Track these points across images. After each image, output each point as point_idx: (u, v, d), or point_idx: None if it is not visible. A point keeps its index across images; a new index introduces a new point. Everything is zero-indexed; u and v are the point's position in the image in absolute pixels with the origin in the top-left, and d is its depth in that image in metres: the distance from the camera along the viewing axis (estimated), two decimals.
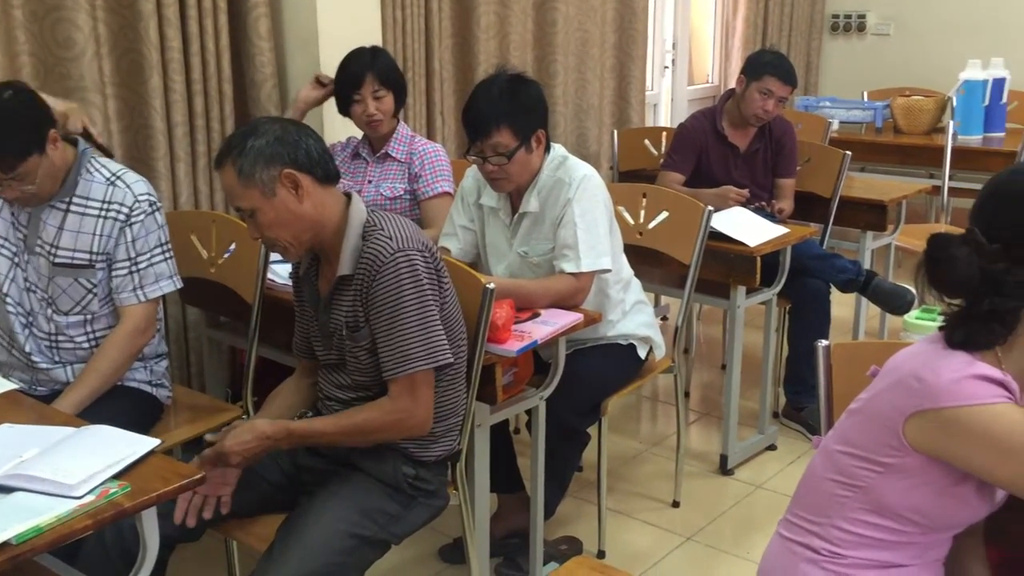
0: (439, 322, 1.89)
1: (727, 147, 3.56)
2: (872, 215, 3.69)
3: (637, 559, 2.71)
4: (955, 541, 1.51)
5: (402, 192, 2.90)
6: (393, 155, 2.91)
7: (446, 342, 1.90)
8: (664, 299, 4.39)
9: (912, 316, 1.89)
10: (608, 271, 2.50)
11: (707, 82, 5.73)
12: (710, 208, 2.83)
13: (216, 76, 2.99)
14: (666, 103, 5.37)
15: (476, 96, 2.44)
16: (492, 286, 2.08)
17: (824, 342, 1.73)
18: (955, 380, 1.30)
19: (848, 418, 1.45)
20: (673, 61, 5.34)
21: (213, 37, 2.95)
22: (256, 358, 2.48)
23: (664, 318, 4.42)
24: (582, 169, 2.49)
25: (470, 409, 2.09)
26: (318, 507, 1.86)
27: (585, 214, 2.44)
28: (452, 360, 1.92)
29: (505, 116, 2.36)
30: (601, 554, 2.72)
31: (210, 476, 1.80)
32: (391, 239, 1.86)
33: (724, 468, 3.18)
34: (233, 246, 2.51)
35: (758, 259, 2.97)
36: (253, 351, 2.45)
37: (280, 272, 2.52)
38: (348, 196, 1.93)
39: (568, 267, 2.43)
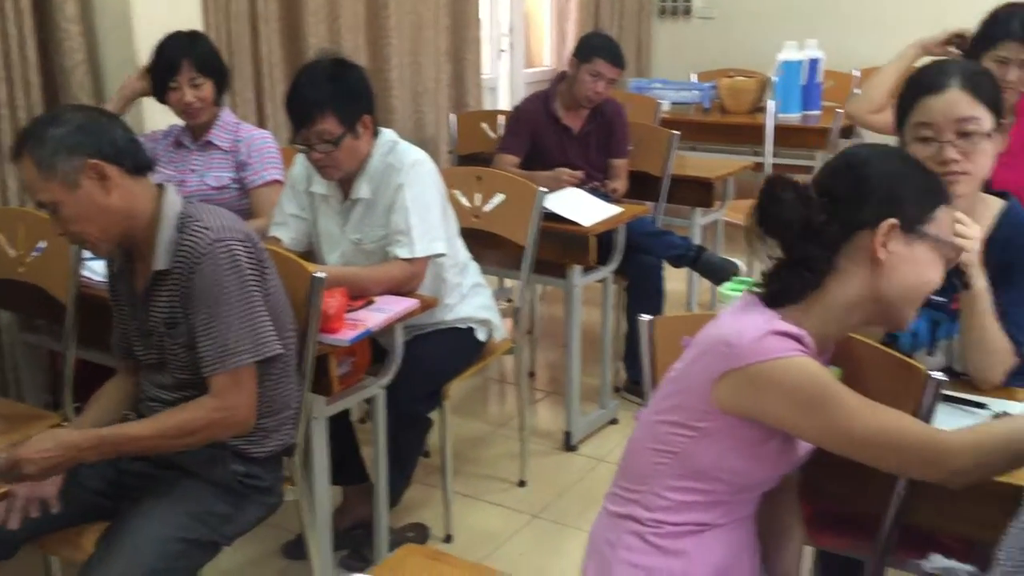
0: (264, 312, 1.83)
1: (561, 129, 3.61)
2: (700, 192, 3.83)
3: (485, 540, 2.73)
4: (773, 499, 1.59)
5: (228, 181, 2.79)
6: (217, 143, 2.80)
7: (273, 333, 1.84)
8: (508, 281, 4.42)
9: (726, 287, 1.97)
10: (443, 255, 2.49)
11: (544, 65, 5.79)
12: (543, 189, 2.86)
13: (20, 63, 2.79)
14: (505, 86, 5.41)
15: (298, 82, 2.38)
16: (321, 275, 2.03)
17: (646, 317, 1.77)
18: (756, 338, 1.36)
19: (663, 388, 1.50)
20: (511, 44, 5.37)
21: (15, 20, 2.76)
22: (78, 361, 2.34)
23: (509, 300, 4.46)
24: (413, 154, 2.47)
25: (304, 402, 2.04)
26: (142, 512, 1.78)
27: (417, 199, 2.42)
28: (281, 351, 1.87)
29: (329, 102, 2.31)
30: (448, 538, 2.73)
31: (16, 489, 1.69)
32: (208, 229, 1.79)
33: (568, 444, 3.24)
34: (43, 244, 2.36)
35: (592, 238, 3.04)
36: (70, 354, 2.32)
37: (97, 269, 2.39)
38: (161, 187, 1.85)
39: (402, 252, 2.40)
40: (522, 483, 3.02)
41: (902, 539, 1.64)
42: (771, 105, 4.52)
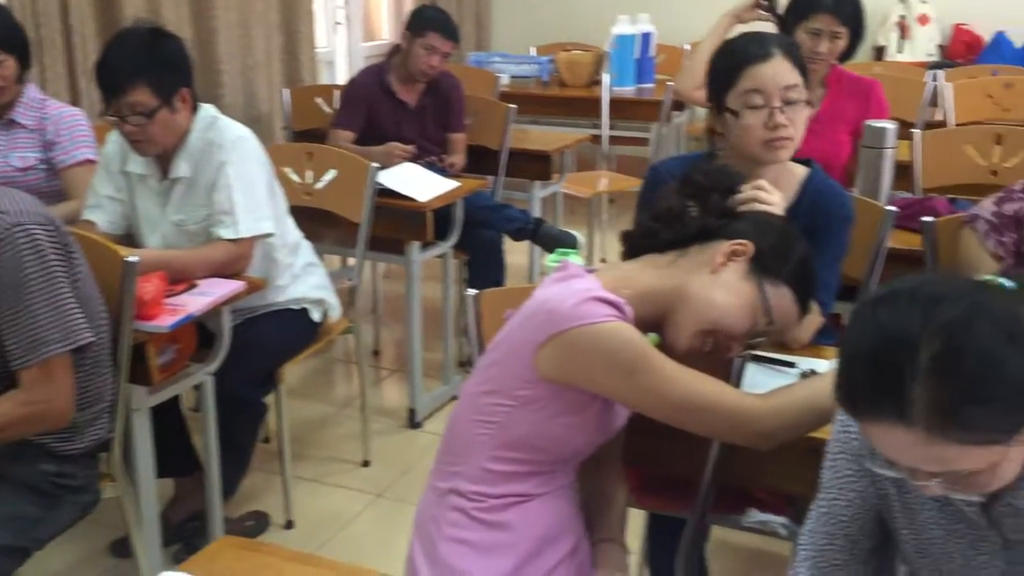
0: (72, 299, 1.72)
1: (396, 103, 3.56)
2: (538, 165, 3.86)
3: (327, 524, 2.69)
4: (596, 466, 1.62)
5: (35, 162, 2.61)
6: (20, 122, 2.61)
7: (84, 320, 1.74)
8: (351, 260, 4.34)
9: (551, 258, 1.99)
10: (271, 235, 2.41)
11: (383, 39, 5.70)
12: (375, 165, 2.81)
13: None
14: (343, 60, 5.28)
15: (109, 50, 2.24)
16: (133, 259, 1.93)
17: (472, 291, 1.77)
18: (576, 304, 1.38)
19: (485, 358, 1.50)
20: (347, 17, 5.24)
21: None
22: None
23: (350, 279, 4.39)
24: (235, 130, 2.37)
25: (122, 393, 1.94)
26: None
27: (241, 177, 2.33)
28: (92, 339, 1.76)
29: (143, 72, 2.19)
30: (289, 524, 2.67)
31: None
32: (5, 213, 1.66)
33: (413, 421, 3.23)
34: None
35: (429, 214, 3.01)
36: None
37: None
38: None
39: (226, 233, 2.31)
40: (366, 463, 2.98)
41: (721, 497, 1.70)
42: (606, 78, 4.60)
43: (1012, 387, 0.97)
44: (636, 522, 2.01)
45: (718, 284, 1.44)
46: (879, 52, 5.23)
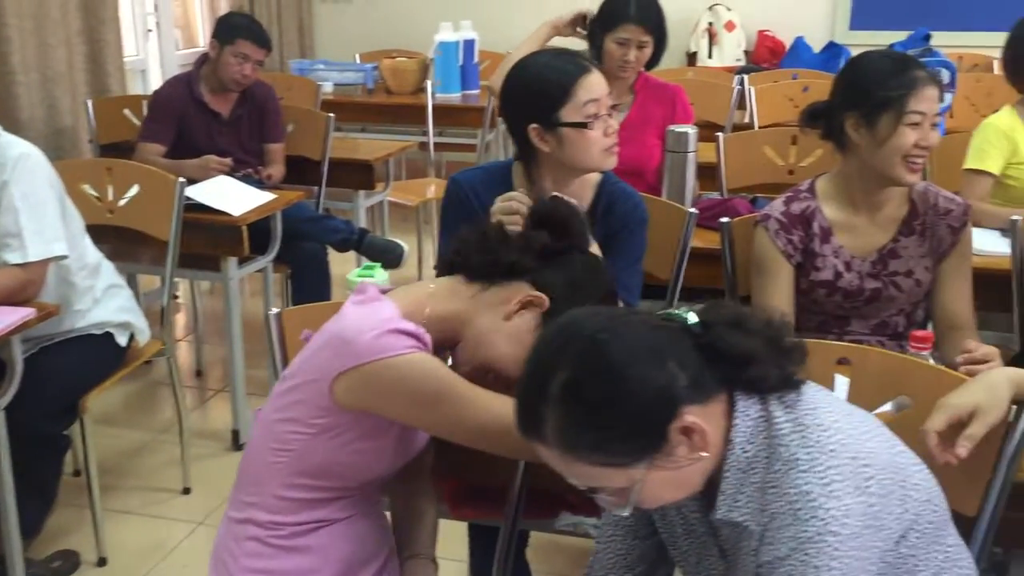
0: None
1: (209, 114, 3.43)
2: (362, 175, 3.82)
3: (144, 557, 2.56)
4: (405, 484, 1.60)
5: None
6: None
7: None
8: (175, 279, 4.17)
9: (354, 274, 1.95)
10: (65, 257, 2.28)
11: (201, 46, 5.49)
12: (182, 180, 2.70)
13: None
14: (156, 70, 5.06)
15: None
16: None
17: (274, 310, 1.72)
18: (376, 336, 1.35)
19: (282, 384, 1.46)
20: (157, 24, 5.03)
21: None
22: None
23: (175, 297, 4.21)
24: (18, 147, 2.22)
25: None
26: None
27: (27, 197, 2.19)
28: None
29: None
30: (102, 561, 2.53)
31: None
32: None
33: (237, 443, 3.12)
34: None
35: (244, 228, 2.92)
36: None
37: None
38: None
39: (13, 258, 2.17)
40: (186, 490, 2.86)
41: (535, 502, 1.72)
42: (429, 85, 4.60)
43: (630, 417, 1.06)
44: (462, 532, 2.02)
45: (505, 331, 1.42)
46: (691, 58, 5.45)
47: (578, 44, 2.90)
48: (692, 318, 1.13)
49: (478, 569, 1.98)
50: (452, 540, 1.98)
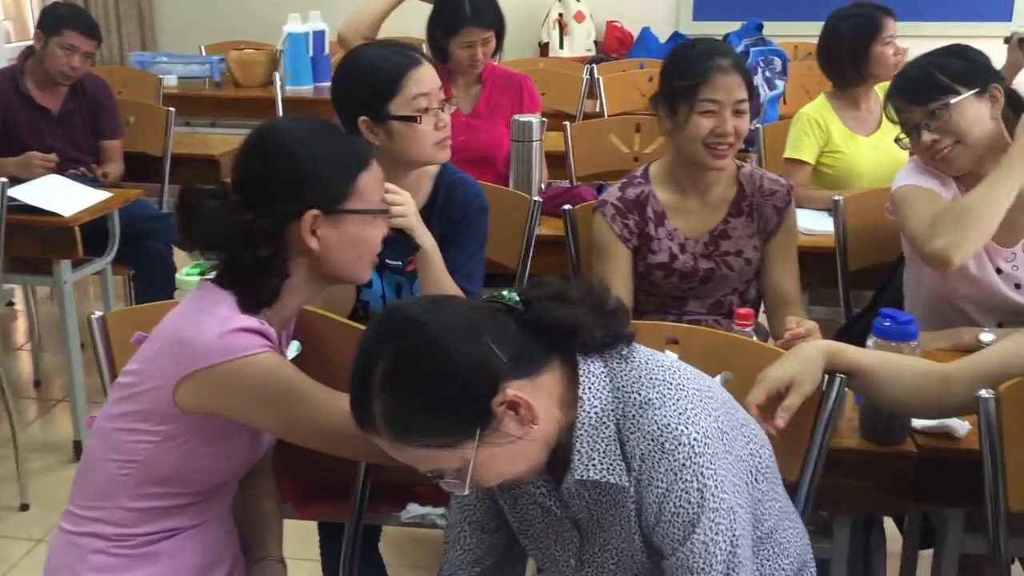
0: None
1: (36, 110, 3.25)
2: (209, 170, 3.69)
3: None
4: (248, 488, 1.56)
5: None
6: None
7: None
8: (6, 284, 3.94)
9: (183, 273, 1.89)
10: None
11: (31, 39, 5.20)
12: (3, 180, 2.55)
13: None
14: None
15: None
16: None
17: (98, 313, 1.64)
18: (218, 336, 1.30)
19: (118, 392, 1.39)
20: None
21: None
22: None
23: (10, 303, 3.99)
24: None
25: None
26: None
27: None
28: None
29: None
30: None
31: None
32: None
33: (78, 455, 2.97)
34: None
35: (77, 229, 2.78)
36: None
37: None
38: None
39: None
40: (24, 507, 2.71)
41: (381, 496, 1.70)
42: (278, 78, 4.49)
43: (452, 396, 1.08)
44: (313, 530, 1.99)
45: (334, 251, 1.39)
46: (543, 48, 5.52)
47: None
48: (515, 297, 1.16)
49: (330, 568, 1.95)
50: (303, 539, 1.95)
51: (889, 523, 2.01)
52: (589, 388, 1.15)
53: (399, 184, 1.77)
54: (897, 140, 2.05)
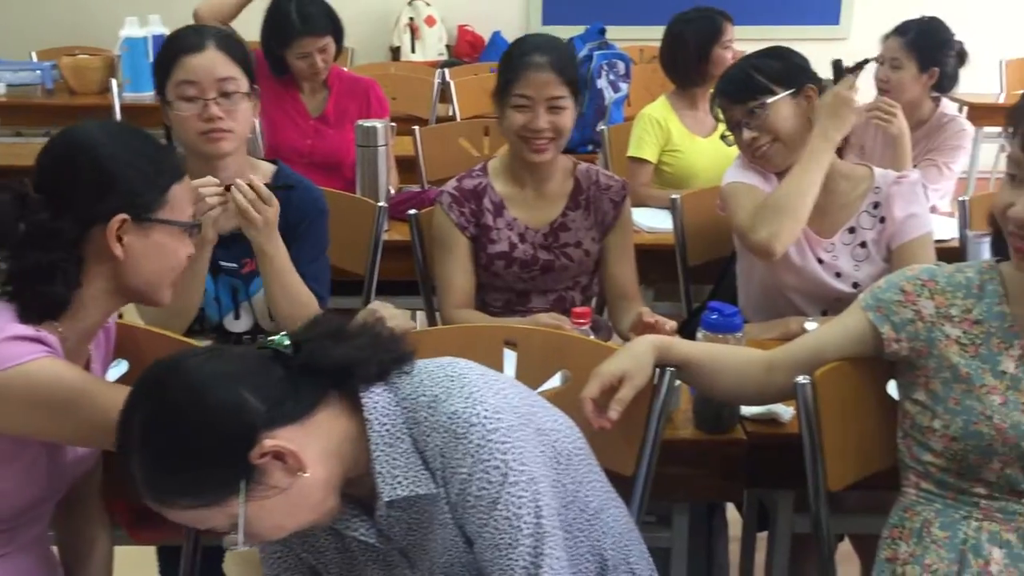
0: None
1: None
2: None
3: None
4: (71, 513, 1.48)
5: None
6: None
7: None
8: None
9: None
10: None
11: None
12: None
13: None
14: None
15: None
16: None
17: None
18: None
19: None
20: None
21: None
22: None
23: None
24: None
25: None
26: None
27: None
28: None
29: None
30: None
31: None
32: None
33: None
34: None
35: None
36: None
37: None
38: None
39: None
40: None
41: None
42: (115, 84, 4.30)
43: (206, 455, 1.06)
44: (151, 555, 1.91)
45: (139, 261, 1.33)
46: (395, 52, 5.49)
47: None
48: (285, 341, 1.15)
49: None
50: (142, 565, 1.88)
51: (733, 508, 2.09)
52: (374, 410, 1.14)
53: (217, 175, 1.77)
54: (723, 137, 2.14)
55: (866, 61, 2.14)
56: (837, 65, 2.10)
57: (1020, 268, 1.29)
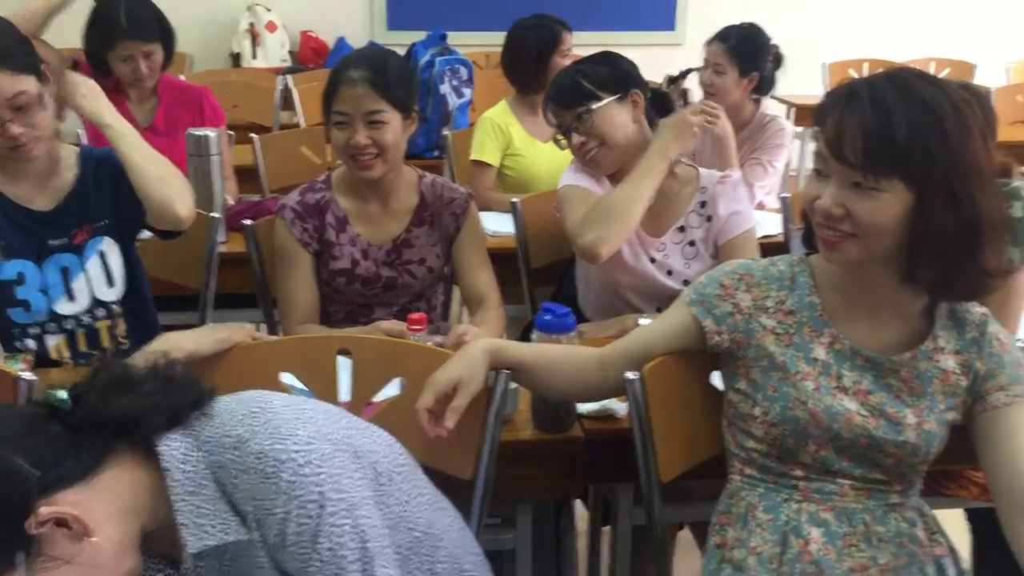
0: None
1: None
2: None
3: None
4: None
5: None
6: None
7: None
8: None
9: None
10: None
11: None
12: None
13: None
14: None
15: None
16: None
17: None
18: None
19: None
20: None
21: None
22: None
23: None
24: None
25: None
26: None
27: None
28: None
29: None
30: None
31: None
32: None
33: None
34: None
35: None
36: None
37: None
38: None
39: None
40: None
41: None
42: None
43: None
44: None
45: None
46: (236, 59, 5.34)
47: None
48: (62, 396, 1.08)
49: None
50: None
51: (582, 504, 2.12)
52: (172, 458, 1.07)
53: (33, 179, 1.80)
54: (556, 141, 2.17)
55: (690, 70, 2.22)
56: (670, 79, 2.17)
57: (828, 259, 1.36)
